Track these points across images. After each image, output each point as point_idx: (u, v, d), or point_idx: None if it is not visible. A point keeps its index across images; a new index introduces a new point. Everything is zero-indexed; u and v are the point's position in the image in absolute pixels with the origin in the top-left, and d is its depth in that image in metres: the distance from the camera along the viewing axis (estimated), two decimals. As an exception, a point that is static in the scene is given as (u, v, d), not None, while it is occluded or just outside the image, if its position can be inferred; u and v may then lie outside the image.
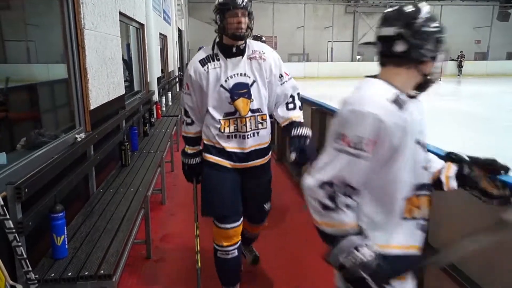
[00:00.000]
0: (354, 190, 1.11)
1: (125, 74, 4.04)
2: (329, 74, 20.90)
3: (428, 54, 1.13)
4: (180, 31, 13.16)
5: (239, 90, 2.00)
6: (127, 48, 5.44)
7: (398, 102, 1.10)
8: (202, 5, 20.16)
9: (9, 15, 3.53)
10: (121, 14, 3.82)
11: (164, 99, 7.06)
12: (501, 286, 1.52)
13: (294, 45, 23.40)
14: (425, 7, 1.14)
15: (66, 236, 1.82)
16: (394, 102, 1.10)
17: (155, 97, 5.81)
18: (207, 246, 2.27)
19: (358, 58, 25.41)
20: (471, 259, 1.60)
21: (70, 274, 1.69)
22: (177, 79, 10.26)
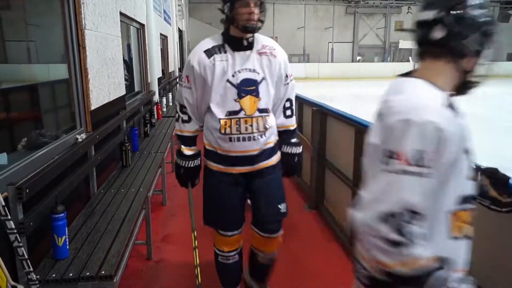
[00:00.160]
0: (422, 216, 0.88)
1: (125, 75, 4.04)
2: (329, 74, 20.95)
3: (471, 46, 0.96)
4: (180, 32, 13.15)
5: (247, 87, 1.83)
6: (128, 48, 5.44)
7: (453, 107, 0.95)
8: (202, 5, 20.22)
9: (9, 15, 3.54)
10: (121, 14, 3.82)
11: (164, 100, 7.06)
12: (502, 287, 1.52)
13: (295, 45, 23.45)
14: None
15: (67, 236, 1.82)
16: (450, 106, 0.94)
17: (156, 97, 5.81)
18: (207, 246, 2.26)
19: (359, 59, 25.45)
20: (473, 259, 1.60)
21: (71, 274, 1.69)
22: (177, 80, 10.26)
